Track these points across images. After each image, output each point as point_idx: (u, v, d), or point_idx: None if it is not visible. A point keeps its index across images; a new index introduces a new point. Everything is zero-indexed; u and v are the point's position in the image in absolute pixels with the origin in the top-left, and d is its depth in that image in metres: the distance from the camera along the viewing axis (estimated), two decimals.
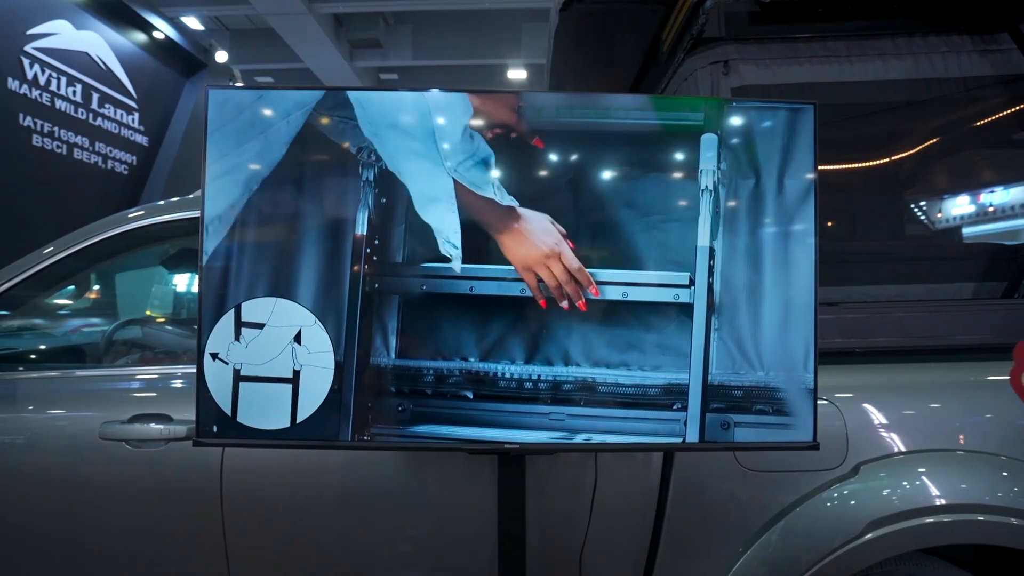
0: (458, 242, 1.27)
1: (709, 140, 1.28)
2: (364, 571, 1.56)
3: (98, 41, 4.82)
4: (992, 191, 1.95)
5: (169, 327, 2.25)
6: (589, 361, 1.27)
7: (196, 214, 1.72)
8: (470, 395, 1.28)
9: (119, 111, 5.09)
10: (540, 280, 1.26)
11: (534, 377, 1.27)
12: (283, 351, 1.27)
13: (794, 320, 1.28)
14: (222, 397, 1.27)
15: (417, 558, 1.55)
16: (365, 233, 1.27)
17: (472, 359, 1.28)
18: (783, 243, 1.29)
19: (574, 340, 1.27)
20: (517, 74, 11.38)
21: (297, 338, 1.27)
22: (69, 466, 1.57)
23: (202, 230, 1.26)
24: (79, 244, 1.73)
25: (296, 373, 1.27)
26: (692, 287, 1.27)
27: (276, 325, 1.27)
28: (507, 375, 1.27)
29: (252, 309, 1.27)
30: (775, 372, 1.27)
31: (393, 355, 1.28)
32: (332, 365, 1.27)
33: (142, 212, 1.78)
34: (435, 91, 1.28)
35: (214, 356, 1.27)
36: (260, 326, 1.27)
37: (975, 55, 1.78)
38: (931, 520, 1.38)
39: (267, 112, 1.26)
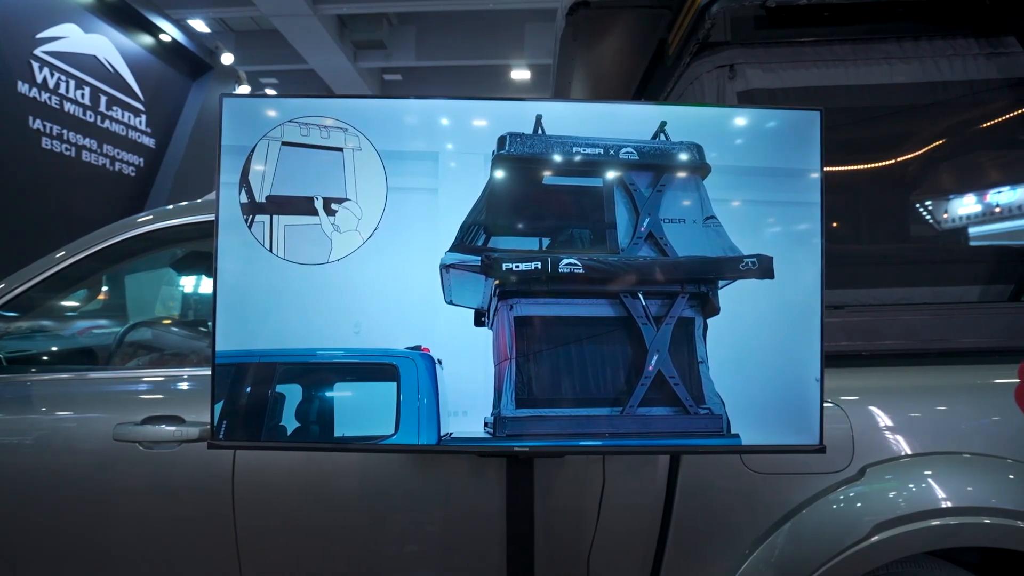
0: None
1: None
2: (374, 572, 1.57)
3: (106, 44, 4.85)
4: (998, 193, 1.95)
5: (182, 329, 2.26)
6: None
7: (206, 218, 1.74)
8: None
9: (126, 113, 5.12)
10: None
11: None
12: None
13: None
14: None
15: (427, 559, 1.56)
16: None
17: None
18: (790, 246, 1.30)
19: None
20: (520, 74, 11.37)
21: None
22: (82, 467, 1.59)
23: (216, 233, 1.28)
24: (91, 248, 1.75)
25: None
26: None
27: None
28: None
29: None
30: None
31: None
32: None
33: (151, 216, 1.80)
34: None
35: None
36: None
37: (981, 59, 1.78)
38: (937, 523, 1.39)
39: None
